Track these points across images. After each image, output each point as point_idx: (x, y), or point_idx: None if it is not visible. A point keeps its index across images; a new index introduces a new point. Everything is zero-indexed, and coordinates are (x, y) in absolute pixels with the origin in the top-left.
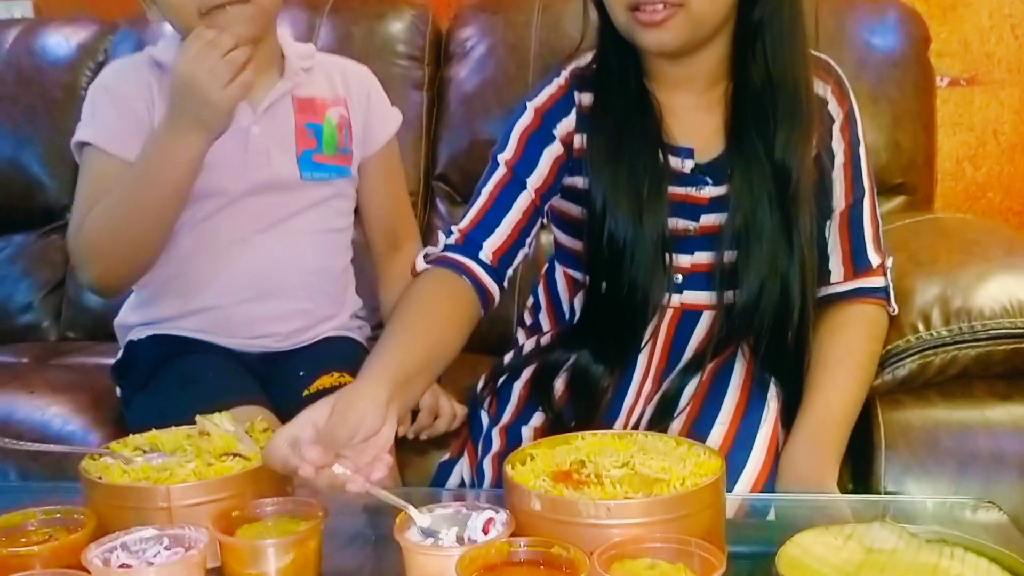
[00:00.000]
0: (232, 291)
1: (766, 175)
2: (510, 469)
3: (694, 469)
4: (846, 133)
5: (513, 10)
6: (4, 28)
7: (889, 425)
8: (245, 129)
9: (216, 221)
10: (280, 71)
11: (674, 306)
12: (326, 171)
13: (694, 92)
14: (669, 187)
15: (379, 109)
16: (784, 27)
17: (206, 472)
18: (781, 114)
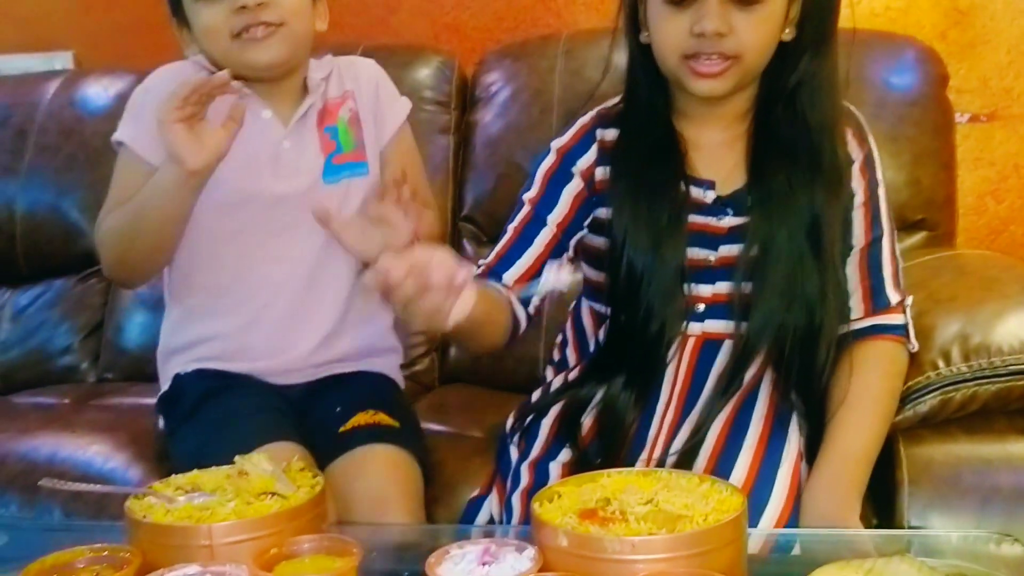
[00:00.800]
0: (265, 304)
1: (786, 209)
2: (538, 506)
3: (716, 506)
4: (865, 174)
5: (536, 56)
6: (46, 80)
7: (912, 461)
8: (277, 143)
9: (246, 236)
10: (304, 89)
11: (695, 335)
12: (347, 169)
13: (720, 128)
14: (689, 217)
15: (387, 97)
16: (823, 80)
17: (246, 511)
18: (808, 155)
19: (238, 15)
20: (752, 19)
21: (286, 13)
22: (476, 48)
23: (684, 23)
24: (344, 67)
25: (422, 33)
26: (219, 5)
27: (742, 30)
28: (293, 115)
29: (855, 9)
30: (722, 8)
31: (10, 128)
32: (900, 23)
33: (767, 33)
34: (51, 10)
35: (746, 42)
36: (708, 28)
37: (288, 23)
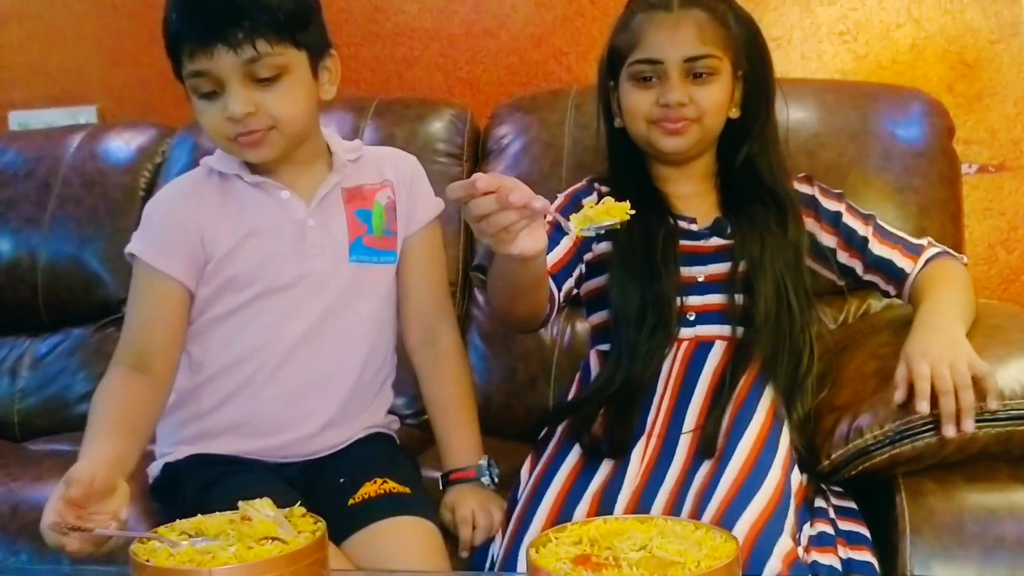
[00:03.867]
0: (270, 386)
1: (762, 233)
2: (533, 552)
3: (709, 552)
4: (829, 196)
5: (547, 109)
6: (70, 133)
7: (913, 510)
8: (301, 221)
9: (254, 315)
10: (329, 166)
11: (688, 338)
12: (375, 255)
13: (691, 184)
14: (680, 241)
15: (422, 192)
16: (768, 148)
17: (247, 555)
18: (771, 198)
19: (229, 122)
20: (706, 91)
21: (276, 117)
22: (489, 101)
23: (651, 97)
24: (386, 157)
25: (437, 87)
26: (215, 106)
27: (699, 99)
28: (316, 193)
29: (863, 62)
30: (682, 84)
31: (35, 180)
32: (907, 76)
33: (718, 101)
34: (76, 66)
35: (703, 106)
36: (672, 99)
37: (279, 125)
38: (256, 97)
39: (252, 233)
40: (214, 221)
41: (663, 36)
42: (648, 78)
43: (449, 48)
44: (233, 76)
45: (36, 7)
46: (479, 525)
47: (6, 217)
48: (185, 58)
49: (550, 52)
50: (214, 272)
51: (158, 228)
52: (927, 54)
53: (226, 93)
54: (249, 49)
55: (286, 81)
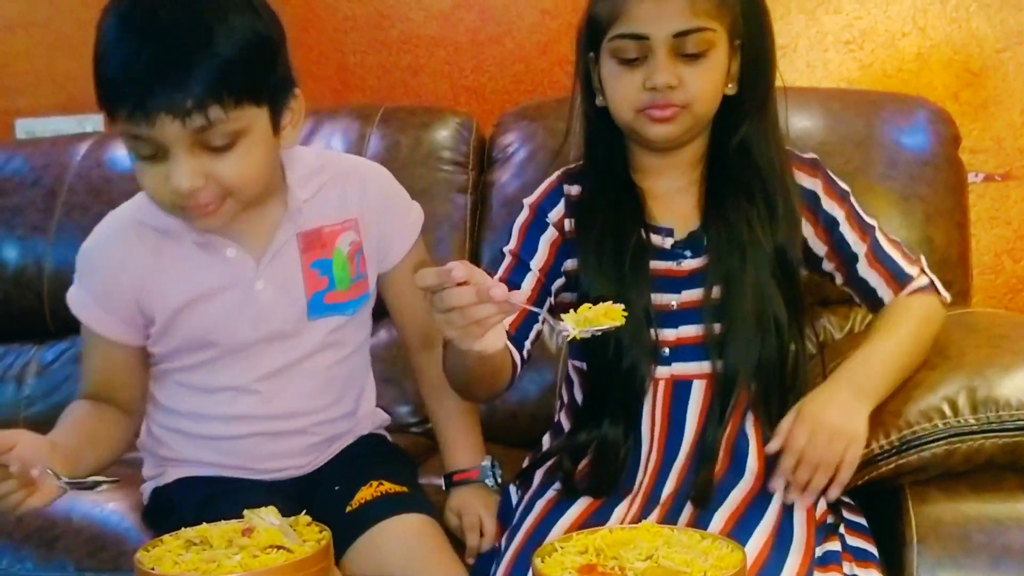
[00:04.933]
0: (247, 434)
1: (743, 245)
2: (539, 561)
3: (715, 562)
4: (834, 194)
5: (552, 117)
6: (77, 141)
7: (920, 519)
8: (248, 283)
9: (215, 370)
10: (283, 205)
11: (664, 378)
12: (339, 309)
13: (674, 176)
14: (651, 262)
15: (395, 220)
16: (767, 129)
17: (252, 563)
18: (762, 194)
19: (175, 193)
20: (698, 71)
21: (229, 187)
22: (494, 109)
23: (636, 79)
24: (351, 183)
25: (442, 95)
26: (158, 170)
27: (690, 82)
28: (268, 247)
29: (868, 71)
30: (670, 63)
31: (41, 188)
32: (912, 85)
33: (712, 83)
34: (83, 74)
35: (694, 92)
36: (659, 82)
37: (233, 194)
38: (206, 166)
39: (195, 299)
40: (150, 285)
41: (648, 7)
42: (633, 59)
43: (455, 56)
44: (179, 145)
45: (43, 15)
46: (487, 532)
47: (12, 224)
48: (120, 118)
49: (556, 60)
50: (159, 336)
51: (93, 287)
52: (933, 63)
53: (170, 160)
54: (199, 118)
55: (242, 145)
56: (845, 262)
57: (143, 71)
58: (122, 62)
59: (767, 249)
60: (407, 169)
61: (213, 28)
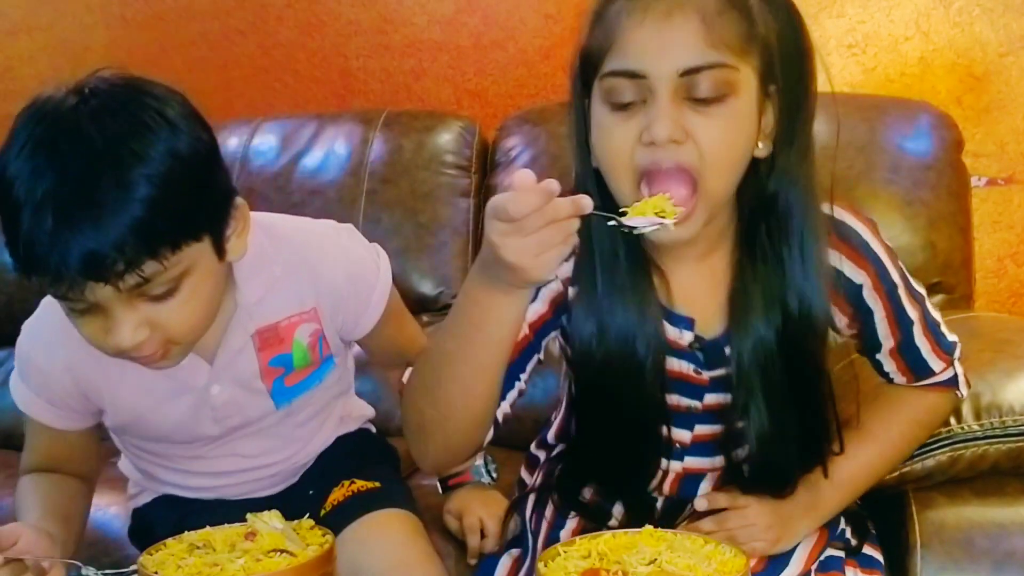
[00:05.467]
0: (209, 487)
1: (771, 355)
2: (543, 566)
3: (719, 567)
4: (880, 289)
5: (555, 121)
6: None
7: (924, 524)
8: (203, 388)
9: (189, 458)
10: (234, 303)
11: (676, 471)
12: (303, 387)
13: (695, 259)
14: (667, 358)
15: (359, 300)
16: (798, 198)
17: (255, 567)
18: (790, 290)
19: (117, 349)
20: (713, 123)
21: (175, 335)
22: (497, 113)
23: (632, 131)
24: (296, 272)
25: (445, 99)
26: (95, 323)
27: (702, 136)
28: (220, 350)
29: (871, 75)
30: (675, 109)
31: None
32: (915, 89)
33: (732, 138)
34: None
35: (708, 151)
36: (659, 134)
37: (180, 341)
38: (149, 316)
39: (147, 407)
40: (97, 389)
41: (647, 36)
42: (628, 103)
43: (458, 60)
44: (116, 304)
45: (46, 19)
46: (489, 533)
47: None
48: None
49: (559, 64)
50: (113, 428)
51: (35, 387)
52: (935, 67)
53: (107, 316)
54: (132, 278)
55: (186, 286)
56: (866, 345)
57: (60, 239)
58: (33, 230)
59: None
60: (410, 173)
61: (134, 178)
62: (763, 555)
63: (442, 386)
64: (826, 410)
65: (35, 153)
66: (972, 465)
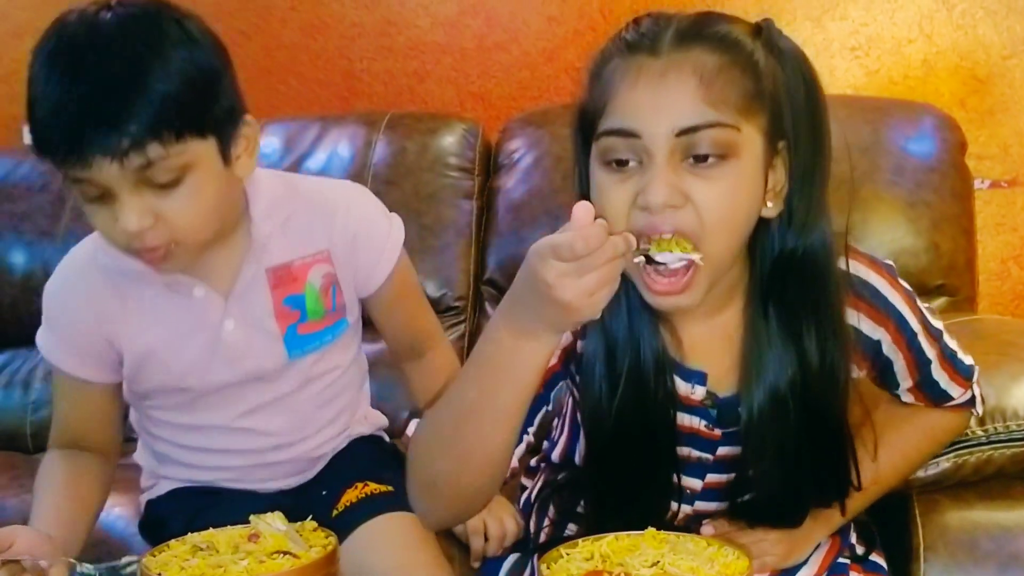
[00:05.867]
0: (233, 463)
1: (785, 412)
2: (545, 568)
3: (721, 569)
4: (900, 341)
5: (558, 123)
6: None
7: (928, 527)
8: (217, 324)
9: (195, 411)
10: (248, 240)
11: (684, 512)
12: (316, 340)
13: (705, 316)
14: (679, 413)
15: (371, 248)
16: (815, 256)
17: (258, 569)
18: (808, 348)
19: (125, 235)
20: (713, 185)
21: (179, 231)
22: (500, 116)
23: (627, 193)
24: (320, 212)
25: (448, 101)
26: (106, 211)
27: (700, 199)
28: (234, 285)
29: (874, 77)
30: (671, 172)
31: (49, 193)
32: (919, 91)
33: (735, 204)
34: None
35: (708, 215)
36: (654, 200)
37: (184, 238)
38: (154, 205)
39: (163, 342)
40: (118, 328)
41: (642, 96)
42: (623, 161)
43: (461, 62)
44: (122, 186)
45: (50, 21)
46: (491, 535)
47: (20, 230)
48: (56, 164)
49: (561, 66)
50: (132, 377)
51: (60, 331)
52: (939, 69)
53: (116, 202)
54: (137, 157)
55: (190, 181)
56: (884, 385)
57: (74, 113)
58: (52, 105)
59: (815, 412)
60: (413, 175)
61: (146, 63)
62: (774, 568)
63: (461, 436)
64: (845, 458)
65: (58, 46)
66: (977, 470)
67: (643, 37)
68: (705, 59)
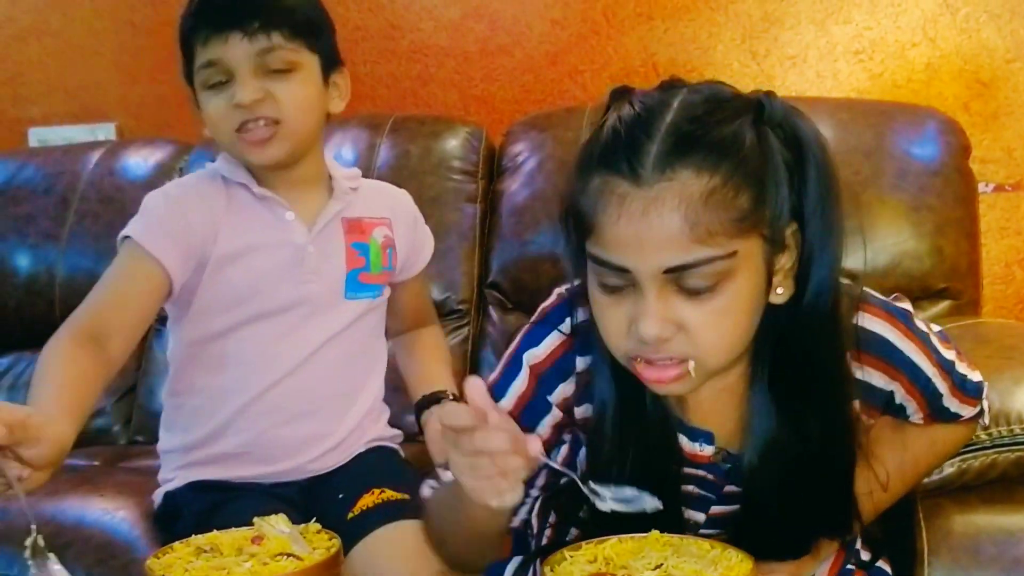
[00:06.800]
0: (266, 414)
1: (790, 469)
2: (548, 570)
3: (724, 572)
4: (914, 390)
5: (561, 127)
6: (89, 149)
7: (931, 531)
8: (301, 247)
9: (254, 337)
10: (329, 191)
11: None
12: (369, 290)
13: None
14: (686, 468)
15: (423, 234)
16: (817, 331)
17: (262, 571)
18: (815, 405)
19: (237, 109)
20: (706, 313)
21: (285, 110)
22: (504, 119)
23: (622, 316)
24: (383, 192)
25: (452, 105)
26: (222, 95)
27: (694, 328)
28: (317, 219)
29: (878, 81)
30: (662, 303)
31: (54, 195)
32: (922, 95)
33: (733, 324)
34: (95, 82)
35: (702, 341)
36: (646, 335)
37: (286, 121)
38: (266, 86)
39: (252, 247)
40: (216, 225)
41: (624, 234)
42: (618, 286)
43: (464, 66)
44: (244, 64)
45: (56, 24)
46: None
47: (25, 233)
48: (199, 47)
49: (565, 70)
50: (211, 280)
51: (159, 216)
52: (942, 73)
53: (235, 82)
54: (263, 39)
55: (297, 76)
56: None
57: (224, 4)
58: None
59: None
60: (417, 178)
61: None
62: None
63: (448, 541)
64: (850, 501)
65: None
66: (981, 474)
67: (625, 153)
68: (692, 187)
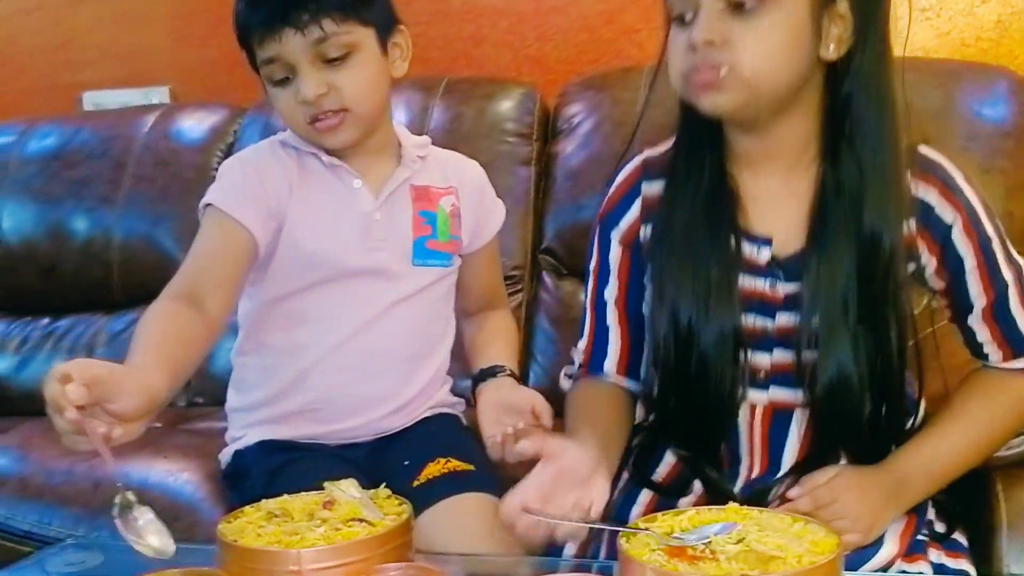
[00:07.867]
0: (336, 372)
1: (847, 275)
2: (624, 542)
3: (810, 547)
4: (971, 234)
5: (618, 88)
6: (143, 113)
7: (1010, 504)
8: (368, 214)
9: (325, 298)
10: (397, 159)
11: (762, 403)
12: (437, 258)
13: (778, 174)
14: (742, 279)
15: (490, 204)
16: (871, 104)
17: (334, 536)
18: (869, 206)
19: (304, 105)
20: (750, 30)
21: (350, 98)
22: (558, 80)
23: (684, 39)
24: (451, 161)
25: (505, 66)
26: (288, 92)
27: (737, 40)
28: (385, 186)
29: (946, 39)
30: (715, 16)
31: (109, 160)
32: (992, 54)
33: (771, 48)
34: (149, 47)
35: (741, 55)
36: (697, 37)
37: (352, 108)
38: (327, 77)
39: (322, 215)
40: (290, 190)
41: None
42: (682, 15)
43: (518, 25)
44: (302, 58)
45: None
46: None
47: (81, 196)
48: (255, 46)
49: (620, 29)
50: (284, 244)
51: (237, 180)
52: (1013, 30)
53: (297, 77)
54: (316, 29)
55: (356, 59)
56: (956, 306)
57: (270, 1)
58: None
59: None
60: (470, 141)
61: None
62: (857, 546)
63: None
64: (902, 357)
65: None
66: None
67: None
68: None
